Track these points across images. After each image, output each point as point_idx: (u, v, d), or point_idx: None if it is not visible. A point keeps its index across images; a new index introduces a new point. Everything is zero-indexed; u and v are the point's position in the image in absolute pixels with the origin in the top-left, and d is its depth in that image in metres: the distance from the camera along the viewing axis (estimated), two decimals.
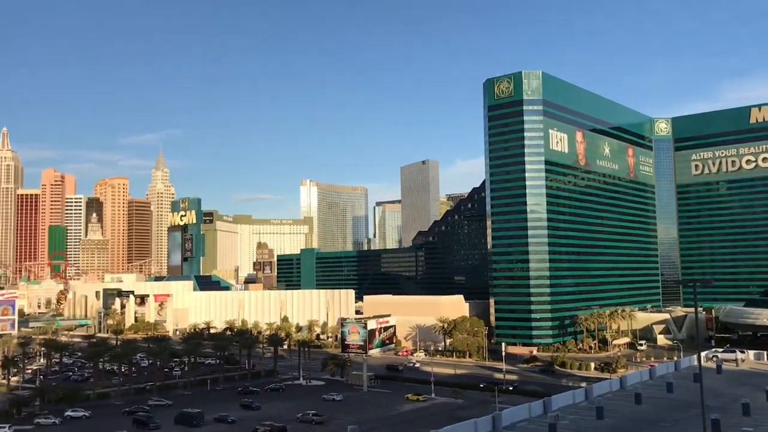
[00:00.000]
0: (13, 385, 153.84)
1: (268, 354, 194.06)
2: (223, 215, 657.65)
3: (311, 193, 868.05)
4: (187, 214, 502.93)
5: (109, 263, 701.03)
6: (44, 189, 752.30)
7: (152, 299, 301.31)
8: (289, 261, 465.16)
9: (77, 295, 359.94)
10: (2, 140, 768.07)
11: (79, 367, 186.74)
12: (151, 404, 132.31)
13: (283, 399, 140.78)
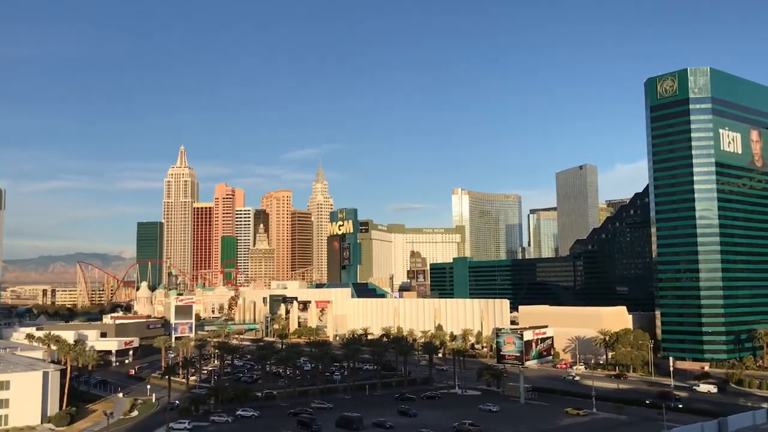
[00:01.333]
0: (192, 384, 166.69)
1: (423, 361, 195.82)
2: (377, 224, 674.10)
3: (463, 201, 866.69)
4: (344, 224, 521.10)
5: (275, 271, 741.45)
6: (217, 202, 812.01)
7: (314, 305, 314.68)
8: (442, 269, 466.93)
9: (246, 301, 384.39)
10: (180, 158, 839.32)
11: (249, 369, 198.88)
12: (314, 407, 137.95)
13: (439, 407, 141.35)
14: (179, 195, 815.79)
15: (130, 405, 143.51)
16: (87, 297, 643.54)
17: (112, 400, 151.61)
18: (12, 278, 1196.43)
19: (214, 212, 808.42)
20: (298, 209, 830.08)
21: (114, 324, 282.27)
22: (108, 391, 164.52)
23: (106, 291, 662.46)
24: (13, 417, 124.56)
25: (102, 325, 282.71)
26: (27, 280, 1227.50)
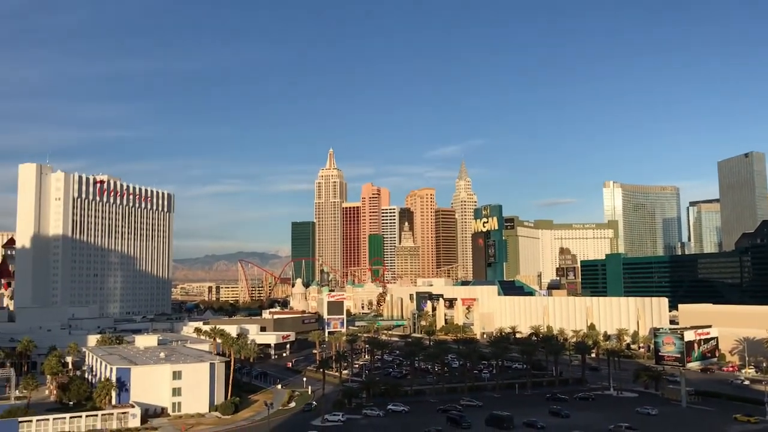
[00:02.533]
0: (344, 378, 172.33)
1: (575, 361, 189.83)
2: (523, 221, 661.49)
3: (615, 194, 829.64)
4: (489, 221, 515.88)
5: (420, 268, 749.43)
6: (364, 202, 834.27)
7: (460, 303, 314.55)
8: (594, 267, 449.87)
9: (394, 298, 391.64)
10: (330, 160, 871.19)
11: (398, 365, 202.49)
12: (463, 404, 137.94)
13: (593, 408, 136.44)
14: (329, 195, 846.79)
15: (288, 396, 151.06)
16: (247, 293, 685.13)
17: (271, 391, 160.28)
18: (181, 276, 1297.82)
19: (361, 211, 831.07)
20: (442, 207, 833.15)
21: (272, 319, 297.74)
22: (268, 383, 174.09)
23: (264, 287, 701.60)
24: (185, 404, 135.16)
25: (261, 319, 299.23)
26: (194, 278, 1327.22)
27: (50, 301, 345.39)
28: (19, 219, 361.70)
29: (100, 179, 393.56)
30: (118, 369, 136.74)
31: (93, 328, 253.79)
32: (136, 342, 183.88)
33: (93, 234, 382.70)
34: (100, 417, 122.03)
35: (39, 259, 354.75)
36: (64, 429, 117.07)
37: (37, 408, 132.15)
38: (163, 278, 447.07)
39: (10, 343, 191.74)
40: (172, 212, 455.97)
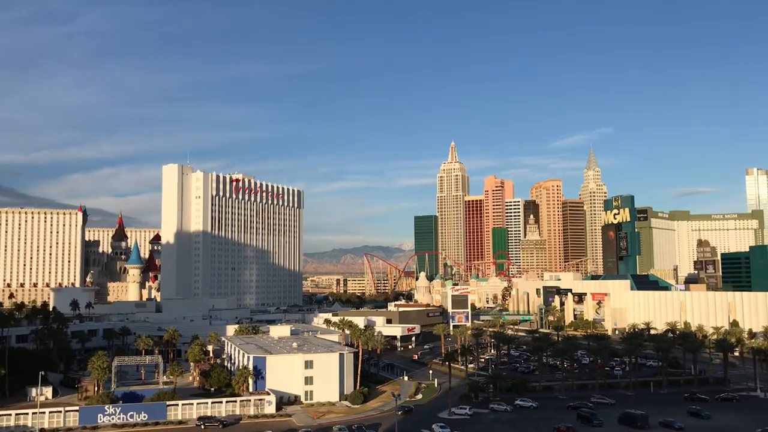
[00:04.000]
0: (470, 372, 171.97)
1: (716, 360, 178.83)
2: (657, 212, 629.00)
3: (760, 182, 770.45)
4: (620, 213, 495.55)
5: (547, 262, 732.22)
6: (487, 195, 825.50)
7: (589, 297, 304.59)
8: (737, 260, 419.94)
9: (519, 292, 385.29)
10: (451, 154, 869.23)
11: (525, 360, 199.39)
12: (594, 401, 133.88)
13: (737, 410, 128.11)
14: (451, 189, 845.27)
15: (414, 388, 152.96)
16: (373, 286, 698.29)
17: (398, 383, 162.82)
18: (311, 269, 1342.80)
19: (484, 204, 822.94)
20: (569, 198, 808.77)
21: (398, 311, 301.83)
22: (394, 374, 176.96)
23: (389, 280, 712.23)
24: (317, 393, 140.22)
25: (387, 312, 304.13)
26: (323, 271, 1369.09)
27: (192, 293, 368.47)
28: (163, 216, 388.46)
29: (236, 178, 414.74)
30: (254, 358, 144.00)
31: (231, 318, 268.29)
32: (271, 332, 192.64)
33: (230, 229, 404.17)
34: (238, 403, 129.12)
35: (182, 253, 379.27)
36: (206, 413, 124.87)
37: (182, 393, 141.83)
38: (295, 271, 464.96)
39: (158, 332, 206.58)
40: (301, 208, 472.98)
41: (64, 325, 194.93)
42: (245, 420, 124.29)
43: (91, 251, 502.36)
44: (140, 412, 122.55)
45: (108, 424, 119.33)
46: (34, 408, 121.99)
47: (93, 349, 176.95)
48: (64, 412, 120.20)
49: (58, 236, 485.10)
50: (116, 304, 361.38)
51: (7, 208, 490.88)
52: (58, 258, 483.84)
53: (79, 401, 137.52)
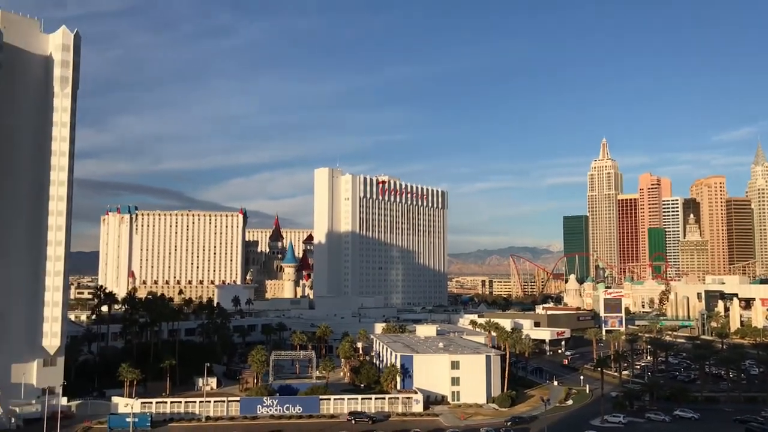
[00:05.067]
0: (624, 379, 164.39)
1: None
2: None
3: None
4: None
5: (709, 264, 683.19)
6: (641, 193, 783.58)
7: (758, 303, 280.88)
8: None
9: (678, 296, 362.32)
10: (602, 151, 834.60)
11: (684, 368, 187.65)
12: (765, 416, 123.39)
13: None
14: (602, 188, 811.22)
15: (564, 393, 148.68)
16: (520, 288, 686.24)
17: (547, 388, 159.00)
18: (455, 270, 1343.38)
19: (639, 203, 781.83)
20: (735, 196, 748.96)
21: (546, 314, 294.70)
22: (543, 379, 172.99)
23: (536, 283, 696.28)
24: (464, 394, 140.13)
25: (535, 315, 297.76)
26: (467, 272, 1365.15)
27: (342, 291, 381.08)
28: (315, 218, 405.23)
29: (382, 180, 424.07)
30: (402, 356, 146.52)
31: (379, 316, 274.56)
32: (417, 331, 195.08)
33: (377, 230, 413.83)
34: (387, 400, 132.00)
35: (333, 253, 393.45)
36: (356, 408, 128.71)
37: (334, 387, 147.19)
38: (440, 271, 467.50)
39: (311, 328, 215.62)
40: (446, 209, 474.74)
41: (226, 320, 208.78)
42: (393, 417, 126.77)
43: (250, 251, 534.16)
44: (295, 405, 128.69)
45: (266, 415, 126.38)
46: (200, 397, 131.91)
47: (252, 343, 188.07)
48: (227, 402, 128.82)
49: (222, 237, 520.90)
50: (273, 300, 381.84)
51: (177, 211, 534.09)
52: (221, 257, 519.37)
53: (240, 392, 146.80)
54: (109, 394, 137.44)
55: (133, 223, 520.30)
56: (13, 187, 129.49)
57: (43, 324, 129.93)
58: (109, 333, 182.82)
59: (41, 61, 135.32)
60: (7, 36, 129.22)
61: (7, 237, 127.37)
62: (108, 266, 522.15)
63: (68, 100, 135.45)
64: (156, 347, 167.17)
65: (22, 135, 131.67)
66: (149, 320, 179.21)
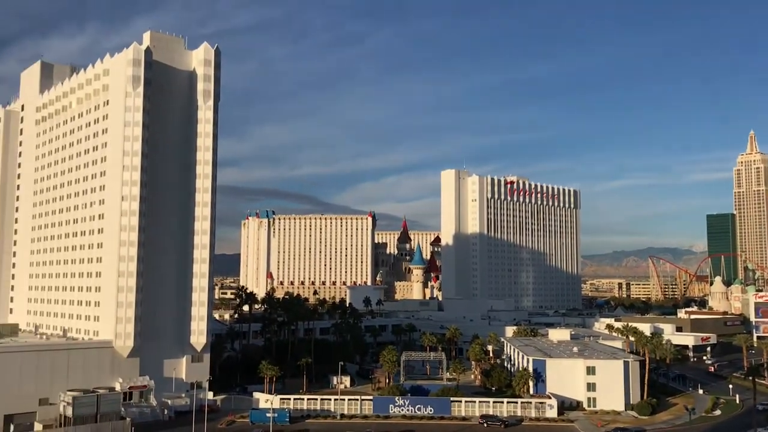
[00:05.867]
0: None
1: None
2: None
3: None
4: None
5: None
6: None
7: None
8: None
9: None
10: (750, 144, 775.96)
11: None
12: None
13: None
14: (751, 183, 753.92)
15: (711, 403, 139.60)
16: (660, 291, 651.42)
17: (692, 396, 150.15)
18: (590, 272, 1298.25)
19: None
20: None
21: (689, 319, 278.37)
22: (686, 387, 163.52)
23: (678, 285, 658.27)
24: (600, 400, 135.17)
25: (676, 319, 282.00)
26: (602, 274, 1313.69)
27: (471, 294, 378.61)
28: (442, 219, 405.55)
29: (510, 180, 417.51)
30: (534, 360, 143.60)
31: (509, 320, 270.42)
32: (550, 335, 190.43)
33: (505, 231, 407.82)
34: (519, 404, 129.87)
35: (460, 255, 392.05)
36: (488, 412, 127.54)
37: (464, 390, 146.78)
38: (572, 274, 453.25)
39: (441, 329, 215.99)
40: (578, 208, 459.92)
41: (358, 320, 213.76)
42: (527, 422, 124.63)
43: (379, 252, 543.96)
44: (427, 406, 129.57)
45: (398, 415, 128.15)
46: (335, 395, 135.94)
47: (383, 343, 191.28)
48: (361, 401, 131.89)
49: (352, 239, 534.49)
50: (402, 301, 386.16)
51: (311, 215, 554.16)
52: (352, 258, 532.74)
53: (372, 391, 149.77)
54: (250, 390, 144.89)
55: (270, 227, 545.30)
56: (164, 195, 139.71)
57: (190, 322, 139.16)
58: (250, 331, 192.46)
59: (186, 76, 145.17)
60: (156, 54, 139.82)
61: (159, 241, 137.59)
62: (248, 268, 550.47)
63: (210, 112, 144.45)
64: (293, 345, 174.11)
65: (171, 146, 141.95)
66: (287, 319, 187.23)
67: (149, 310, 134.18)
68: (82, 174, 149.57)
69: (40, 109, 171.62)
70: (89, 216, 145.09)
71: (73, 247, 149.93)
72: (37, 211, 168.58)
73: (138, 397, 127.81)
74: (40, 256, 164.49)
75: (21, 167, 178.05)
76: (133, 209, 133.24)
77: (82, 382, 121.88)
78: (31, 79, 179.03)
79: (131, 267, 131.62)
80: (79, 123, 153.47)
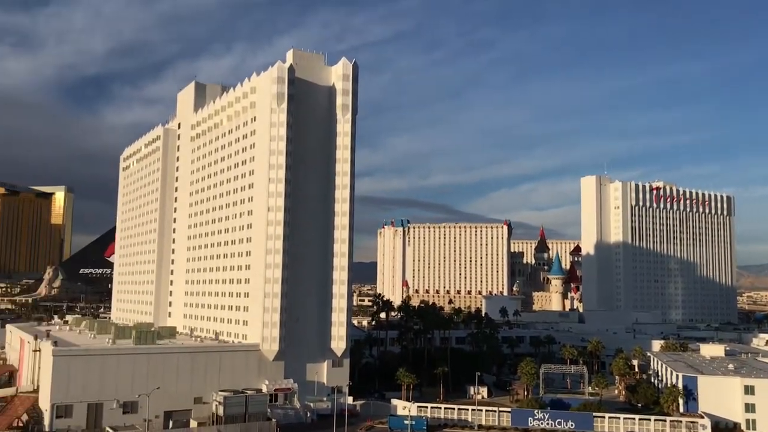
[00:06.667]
0: None
1: None
2: None
3: None
4: None
5: None
6: None
7: None
8: None
9: None
10: None
11: None
12: None
13: None
14: None
15: None
16: None
17: None
18: (747, 284, 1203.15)
19: None
20: None
21: None
22: None
23: None
24: (761, 423, 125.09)
25: None
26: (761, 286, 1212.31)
27: (614, 305, 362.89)
28: (583, 228, 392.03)
29: (656, 186, 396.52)
30: (684, 376, 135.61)
31: (656, 333, 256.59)
32: (701, 351, 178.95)
33: (651, 240, 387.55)
34: (668, 423, 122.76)
35: (602, 265, 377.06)
36: (633, 429, 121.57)
37: (608, 405, 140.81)
38: (726, 285, 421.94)
39: (581, 342, 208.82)
40: (732, 215, 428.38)
41: (495, 331, 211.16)
42: None
43: (516, 262, 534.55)
44: (567, 420, 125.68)
45: (537, 428, 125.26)
46: (472, 405, 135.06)
47: (521, 355, 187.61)
48: (498, 412, 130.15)
49: (487, 248, 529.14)
50: (541, 313, 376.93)
51: (445, 224, 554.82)
52: (487, 268, 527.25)
53: (510, 403, 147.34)
54: (388, 396, 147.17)
55: (405, 236, 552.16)
56: (306, 205, 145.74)
57: (331, 328, 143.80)
58: (387, 338, 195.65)
59: (326, 91, 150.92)
60: (298, 71, 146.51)
61: (302, 250, 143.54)
62: (385, 275, 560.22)
63: (349, 125, 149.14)
64: (429, 353, 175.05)
65: (312, 158, 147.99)
66: (423, 327, 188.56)
67: (293, 315, 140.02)
68: (233, 186, 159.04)
69: (194, 126, 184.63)
70: (239, 226, 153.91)
71: (224, 255, 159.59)
72: (192, 221, 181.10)
73: (283, 399, 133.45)
74: (195, 264, 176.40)
75: (178, 181, 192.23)
76: (278, 219, 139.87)
77: (232, 383, 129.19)
78: (186, 98, 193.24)
79: (276, 274, 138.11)
80: (229, 139, 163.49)
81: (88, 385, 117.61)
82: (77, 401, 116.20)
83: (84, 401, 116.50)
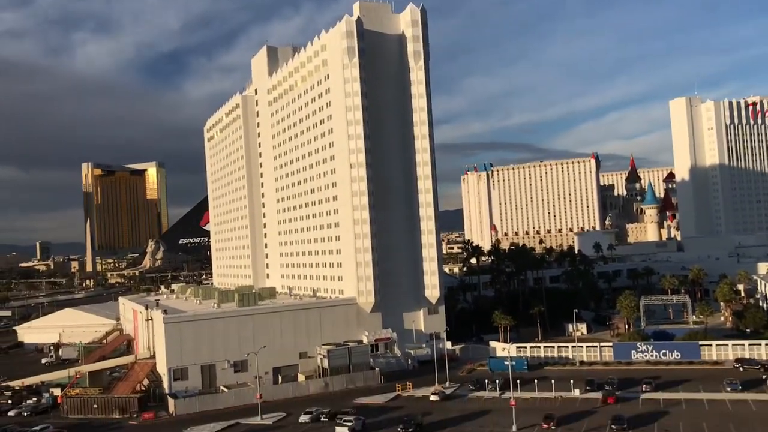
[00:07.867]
0: None
1: None
2: None
3: None
4: None
5: None
6: None
7: None
8: None
9: None
10: None
11: None
12: None
13: None
14: None
15: None
16: None
17: None
18: None
19: None
20: None
21: None
22: None
23: None
24: None
25: None
26: None
27: (714, 230, 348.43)
28: (675, 153, 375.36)
29: (752, 101, 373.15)
30: None
31: (762, 255, 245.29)
32: None
33: (750, 159, 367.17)
34: None
35: (698, 189, 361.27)
36: (743, 355, 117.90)
37: (714, 333, 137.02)
38: None
39: (682, 271, 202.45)
40: None
41: (590, 267, 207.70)
42: None
43: (606, 195, 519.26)
44: (672, 351, 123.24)
45: (641, 361, 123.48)
46: (572, 342, 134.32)
47: (619, 289, 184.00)
48: (600, 347, 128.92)
49: (575, 184, 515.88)
50: (636, 245, 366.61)
51: (529, 163, 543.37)
52: (577, 204, 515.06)
53: (611, 338, 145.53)
54: (486, 339, 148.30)
55: (490, 179, 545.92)
56: (387, 158, 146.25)
57: (423, 277, 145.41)
58: (480, 283, 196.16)
59: (395, 40, 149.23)
60: (366, 23, 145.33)
61: (387, 203, 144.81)
62: (472, 222, 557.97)
63: (422, 73, 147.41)
64: (523, 295, 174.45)
65: (388, 110, 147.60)
66: (515, 269, 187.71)
67: (385, 268, 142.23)
68: (314, 147, 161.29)
69: (270, 90, 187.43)
70: (324, 185, 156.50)
71: (313, 214, 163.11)
72: (279, 184, 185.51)
73: (383, 348, 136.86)
74: (286, 225, 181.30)
75: (261, 146, 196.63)
76: (361, 175, 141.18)
77: (333, 336, 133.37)
78: (260, 63, 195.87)
79: (365, 229, 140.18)
80: (305, 99, 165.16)
81: (199, 349, 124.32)
82: (191, 364, 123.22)
83: (197, 363, 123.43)
